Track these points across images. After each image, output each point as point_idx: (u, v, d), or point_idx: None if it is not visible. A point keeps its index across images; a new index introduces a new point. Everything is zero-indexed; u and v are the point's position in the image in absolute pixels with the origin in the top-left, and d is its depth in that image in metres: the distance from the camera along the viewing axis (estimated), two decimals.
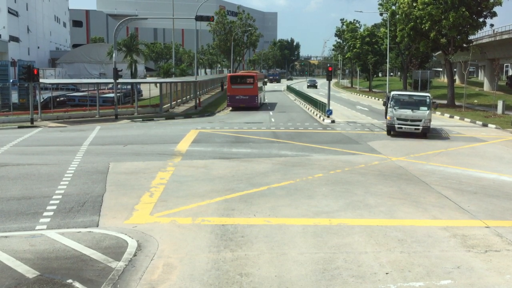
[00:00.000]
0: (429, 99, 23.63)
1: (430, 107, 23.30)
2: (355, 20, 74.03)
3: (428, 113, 23.14)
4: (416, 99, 23.84)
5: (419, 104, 23.45)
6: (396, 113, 23.24)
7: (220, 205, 11.55)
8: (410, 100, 23.78)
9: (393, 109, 23.32)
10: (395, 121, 23.22)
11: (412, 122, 23.00)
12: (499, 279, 7.70)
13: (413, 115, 23.09)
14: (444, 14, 38.18)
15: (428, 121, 23.03)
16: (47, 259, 8.23)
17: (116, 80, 32.43)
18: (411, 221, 10.54)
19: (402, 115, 23.16)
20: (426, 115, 23.05)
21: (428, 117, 23.11)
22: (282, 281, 7.50)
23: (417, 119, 22.93)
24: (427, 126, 23.05)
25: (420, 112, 23.15)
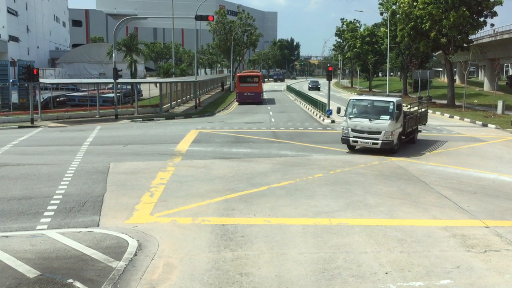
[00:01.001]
0: (393, 106, 18.14)
1: (394, 116, 17.96)
2: (355, 20, 74.09)
3: (389, 123, 17.85)
4: (378, 105, 18.62)
5: (381, 112, 18.30)
6: (351, 122, 18.47)
7: (220, 205, 11.57)
8: (370, 106, 18.77)
9: (348, 118, 18.69)
10: (350, 133, 18.54)
11: (369, 134, 18.14)
12: (499, 279, 7.72)
13: (370, 126, 18.10)
14: (445, 13, 38.19)
15: (389, 134, 17.86)
16: (48, 259, 8.25)
17: (116, 80, 32.43)
18: (411, 221, 10.56)
19: (358, 126, 18.29)
20: (386, 126, 17.82)
21: (390, 128, 17.86)
22: (282, 281, 7.52)
23: (375, 131, 17.99)
24: (388, 141, 17.86)
25: (379, 122, 17.99)
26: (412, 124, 20.46)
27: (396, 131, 18.23)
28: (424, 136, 23.78)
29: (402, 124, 18.87)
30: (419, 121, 21.80)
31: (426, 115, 23.34)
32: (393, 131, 18.01)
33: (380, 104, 18.70)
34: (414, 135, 21.33)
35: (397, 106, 18.30)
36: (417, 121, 21.26)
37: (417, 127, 21.71)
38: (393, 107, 18.24)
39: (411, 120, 20.14)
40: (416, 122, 21.21)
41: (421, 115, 22.17)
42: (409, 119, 19.76)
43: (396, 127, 18.26)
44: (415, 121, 20.88)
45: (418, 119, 21.53)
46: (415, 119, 20.91)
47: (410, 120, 20.05)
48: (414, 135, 21.23)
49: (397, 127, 18.33)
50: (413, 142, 21.09)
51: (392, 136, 18.00)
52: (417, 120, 21.37)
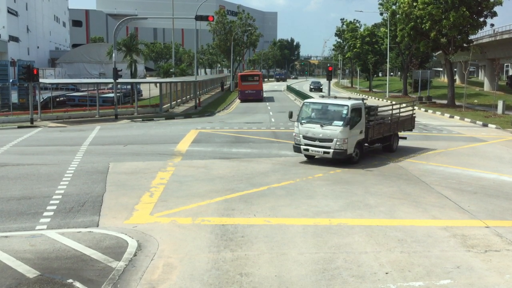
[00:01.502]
0: (347, 110, 15.88)
1: (348, 122, 15.74)
2: (355, 20, 74.06)
3: (342, 130, 15.65)
4: (331, 109, 16.57)
5: (334, 117, 16.18)
6: (302, 128, 16.44)
7: (220, 205, 11.56)
8: (323, 111, 16.78)
9: (299, 123, 16.63)
10: (301, 140, 16.53)
11: (321, 142, 16.03)
12: (499, 279, 7.70)
13: (321, 133, 15.98)
14: (445, 13, 38.19)
15: (342, 142, 15.67)
16: (48, 259, 8.24)
17: (116, 80, 32.42)
18: (411, 221, 10.55)
19: (309, 132, 16.24)
20: (338, 133, 15.66)
21: (343, 135, 15.65)
22: (282, 281, 7.50)
23: (327, 139, 15.86)
24: (341, 150, 15.70)
25: (331, 128, 15.86)
26: (384, 131, 18.10)
27: (351, 138, 15.97)
28: (421, 138, 23.77)
29: (363, 130, 16.67)
30: (399, 126, 19.41)
31: (411, 119, 20.55)
32: (346, 138, 15.72)
33: (334, 108, 16.54)
34: (391, 142, 18.91)
35: (352, 111, 15.97)
36: (393, 126, 18.85)
37: (396, 133, 19.32)
38: (347, 112, 15.88)
39: (382, 126, 17.92)
40: (392, 128, 18.79)
41: (402, 120, 19.69)
42: (376, 124, 17.49)
43: (352, 134, 15.98)
44: (389, 127, 18.47)
45: (397, 125, 19.13)
46: (389, 125, 18.54)
47: (380, 126, 17.81)
48: (390, 142, 18.86)
49: (353, 134, 16.03)
50: (391, 151, 18.87)
51: (346, 145, 15.73)
52: (394, 126, 18.93)
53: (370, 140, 17.27)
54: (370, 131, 17.06)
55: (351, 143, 16.05)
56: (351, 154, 16.20)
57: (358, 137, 16.48)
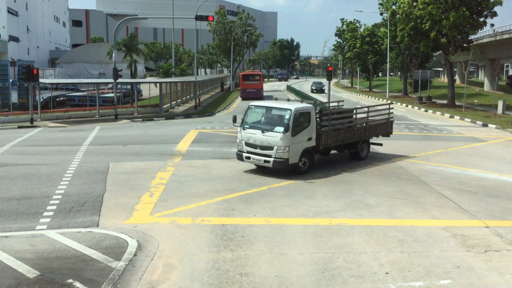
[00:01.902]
0: (290, 115, 14.25)
1: (290, 128, 14.13)
2: (355, 20, 74.00)
3: (282, 137, 14.06)
4: (274, 114, 15.06)
5: (276, 122, 14.63)
6: (244, 134, 15.01)
7: (220, 205, 11.56)
8: (266, 115, 15.27)
9: (242, 128, 15.17)
10: (243, 147, 15.08)
11: (262, 150, 14.52)
12: (499, 279, 7.71)
13: (262, 140, 14.47)
14: (445, 13, 38.19)
15: (283, 151, 14.07)
16: (48, 259, 8.24)
17: (116, 80, 32.41)
18: (411, 221, 10.55)
19: (251, 139, 14.78)
20: (278, 140, 14.08)
21: (284, 143, 14.05)
22: (282, 281, 7.50)
23: (267, 146, 14.34)
24: (282, 159, 14.11)
25: (272, 135, 14.29)
26: (346, 137, 16.47)
27: (295, 146, 14.30)
28: (421, 138, 23.75)
29: (313, 137, 15.03)
30: (369, 132, 17.62)
31: (387, 124, 18.50)
32: (287, 146, 14.07)
33: (276, 113, 14.97)
34: (358, 149, 17.15)
35: (296, 116, 14.39)
36: (359, 132, 17.07)
37: (366, 140, 17.58)
38: (289, 117, 14.22)
39: (341, 132, 16.30)
40: (358, 134, 17.03)
41: (374, 125, 17.96)
42: (333, 130, 15.90)
43: (295, 142, 14.31)
44: (352, 133, 16.75)
45: (365, 130, 17.34)
46: (352, 130, 16.79)
47: (338, 132, 16.20)
48: (357, 149, 17.14)
49: (297, 141, 14.38)
50: (358, 158, 17.23)
51: (287, 153, 14.09)
52: (361, 132, 17.20)
53: (323, 147, 15.60)
54: (324, 138, 15.41)
55: (295, 152, 14.35)
56: (296, 164, 14.50)
57: (306, 144, 14.75)
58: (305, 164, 14.96)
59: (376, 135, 18.29)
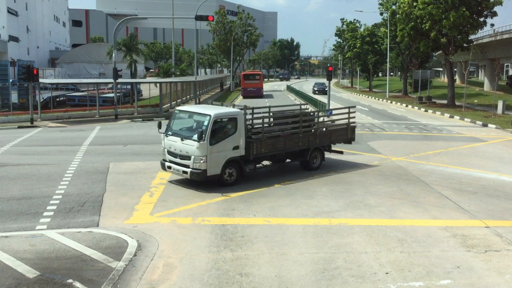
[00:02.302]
0: (208, 121, 12.82)
1: (207, 136, 12.66)
2: (355, 20, 73.96)
3: (199, 146, 12.65)
4: (195, 120, 13.67)
5: (196, 129, 13.24)
6: (167, 142, 13.78)
7: (220, 205, 11.57)
8: (188, 121, 14.03)
9: (165, 135, 13.91)
10: (166, 155, 13.82)
11: (181, 159, 13.17)
12: (499, 279, 7.71)
13: (181, 148, 13.18)
14: (445, 13, 38.19)
15: (200, 161, 12.66)
16: (48, 259, 8.24)
17: (116, 80, 32.40)
18: (411, 221, 10.55)
19: (172, 147, 13.52)
20: (195, 149, 12.73)
21: (201, 152, 12.65)
22: (282, 281, 7.51)
23: (186, 156, 13.01)
24: (199, 170, 12.72)
25: (189, 143, 12.94)
26: (289, 145, 14.77)
27: (215, 156, 12.87)
28: (421, 138, 23.71)
29: (241, 145, 13.50)
30: (322, 139, 15.92)
31: (347, 130, 16.74)
32: (205, 156, 12.66)
33: (197, 119, 13.56)
34: (307, 158, 15.38)
35: (217, 122, 12.99)
36: (307, 139, 15.32)
37: (319, 147, 15.77)
38: (207, 123, 12.79)
39: (280, 140, 14.59)
40: (307, 142, 15.27)
41: (328, 132, 16.38)
42: (268, 138, 14.31)
43: (216, 151, 12.87)
44: (296, 140, 15.01)
45: (314, 137, 15.58)
46: (297, 138, 15.03)
47: (276, 139, 14.52)
48: (306, 158, 15.38)
49: (218, 150, 12.91)
50: (309, 168, 15.47)
51: (205, 164, 12.67)
52: (310, 139, 15.42)
53: (256, 157, 13.94)
54: (255, 146, 13.79)
55: (216, 162, 12.89)
56: (218, 176, 13.02)
57: (231, 154, 13.25)
58: (231, 175, 13.34)
59: (331, 142, 16.43)
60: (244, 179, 13.70)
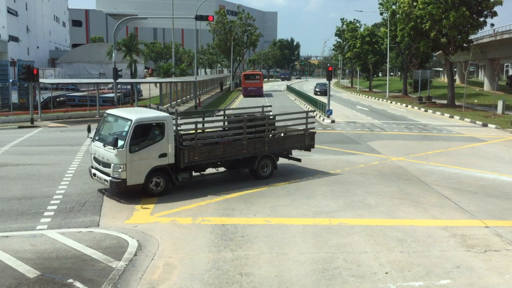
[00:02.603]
0: (129, 127, 11.82)
1: (128, 143, 11.64)
2: (355, 20, 73.96)
3: (117, 153, 11.61)
4: (118, 124, 12.61)
5: (118, 134, 12.11)
6: (93, 147, 12.82)
7: (220, 205, 11.58)
8: (112, 125, 12.90)
9: (92, 140, 12.90)
10: (92, 161, 12.88)
11: (103, 167, 12.17)
12: (499, 278, 7.72)
13: (103, 155, 12.15)
14: (445, 13, 38.20)
15: (119, 170, 11.62)
16: (48, 259, 8.25)
17: (116, 80, 32.40)
18: (411, 221, 10.57)
19: (97, 153, 12.54)
20: (113, 157, 11.69)
21: (120, 160, 11.60)
22: (282, 281, 7.52)
23: (107, 163, 11.99)
24: (118, 180, 11.65)
25: (109, 150, 11.87)
26: (226, 153, 13.47)
27: (137, 164, 11.81)
28: (421, 138, 23.67)
29: (170, 153, 12.40)
30: (274, 146, 14.57)
31: (304, 136, 15.47)
32: (123, 164, 11.61)
33: (120, 123, 12.46)
34: (255, 167, 14.12)
35: (138, 128, 11.89)
36: (254, 146, 13.97)
37: (269, 155, 14.44)
38: (128, 129, 11.78)
39: (218, 147, 13.36)
40: (250, 149, 13.89)
41: (280, 138, 15.13)
42: (204, 145, 13.18)
43: (137, 159, 11.81)
44: (239, 147, 13.72)
45: (263, 144, 14.20)
46: (240, 145, 13.74)
47: (214, 146, 13.32)
48: (253, 167, 14.13)
49: (140, 158, 11.85)
50: (258, 177, 14.22)
51: (124, 172, 11.62)
52: (257, 146, 14.06)
53: (187, 165, 12.78)
54: (186, 154, 12.66)
55: (138, 171, 11.85)
56: (141, 185, 12.00)
57: (157, 162, 12.17)
58: (158, 185, 12.25)
59: (284, 150, 15.05)
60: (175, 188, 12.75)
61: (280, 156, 15.25)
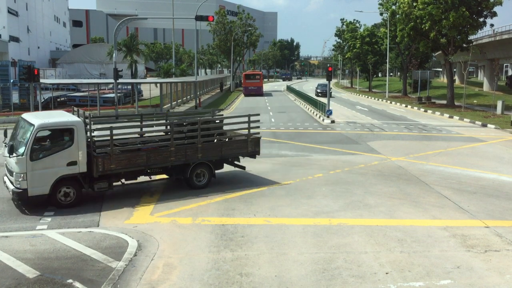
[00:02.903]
0: (31, 133, 10.95)
1: (28, 150, 10.76)
2: (355, 20, 73.98)
3: (18, 161, 10.83)
4: (23, 129, 11.66)
5: (21, 141, 11.31)
6: (4, 153, 11.95)
7: (220, 205, 11.58)
8: (21, 130, 11.81)
9: (4, 145, 11.71)
10: (5, 168, 12.00)
11: (10, 175, 11.37)
12: (499, 279, 7.72)
13: (9, 162, 11.46)
14: (444, 14, 38.20)
15: (20, 179, 10.79)
16: (48, 259, 8.25)
17: (116, 80, 32.40)
18: (411, 221, 10.56)
19: (6, 160, 11.78)
20: (14, 165, 10.95)
21: (20, 169, 10.79)
22: (282, 281, 7.52)
23: (11, 171, 11.27)
24: (20, 190, 10.81)
25: (13, 157, 11.03)
26: (150, 161, 12.25)
27: (39, 172, 10.86)
28: (421, 138, 23.69)
29: (80, 161, 11.39)
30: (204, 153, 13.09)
31: (246, 142, 14.00)
32: (24, 174, 10.73)
33: (26, 128, 11.43)
34: (188, 175, 12.96)
35: (41, 133, 11.05)
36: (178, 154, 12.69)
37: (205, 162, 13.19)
38: (30, 135, 10.88)
39: (140, 154, 12.19)
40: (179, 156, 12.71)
41: (217, 145, 13.74)
42: (122, 152, 12.10)
43: (40, 167, 10.87)
44: (166, 154, 12.53)
45: (196, 151, 12.96)
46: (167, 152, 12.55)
47: (134, 154, 12.16)
48: (186, 176, 12.98)
49: (42, 166, 10.90)
50: (193, 187, 13.04)
51: (25, 182, 10.74)
52: (185, 153, 12.80)
53: (103, 174, 11.67)
54: (101, 162, 11.56)
55: (41, 180, 10.91)
56: (47, 196, 11.04)
57: (65, 171, 11.19)
58: (67, 195, 11.32)
59: (221, 157, 13.57)
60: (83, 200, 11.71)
61: (226, 163, 14.04)
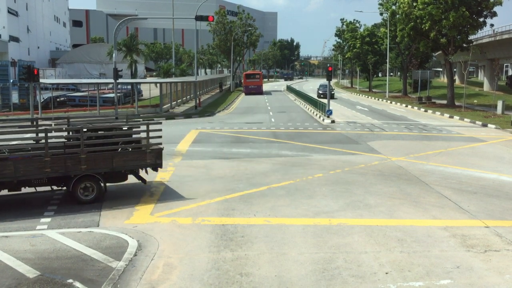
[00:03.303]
0: None
1: None
2: (355, 20, 73.94)
3: None
4: None
5: None
6: None
7: (220, 205, 11.58)
8: None
9: None
10: None
11: None
12: (499, 279, 7.72)
13: None
14: (444, 14, 38.21)
15: None
16: (48, 259, 8.25)
17: (116, 80, 32.40)
18: (411, 221, 10.56)
19: None
20: None
21: None
22: (282, 281, 7.52)
23: None
24: None
25: None
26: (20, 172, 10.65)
27: None
28: (421, 138, 23.69)
29: None
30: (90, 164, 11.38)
31: (143, 152, 12.21)
32: None
33: None
34: (69, 189, 11.44)
35: None
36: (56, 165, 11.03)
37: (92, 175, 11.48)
38: None
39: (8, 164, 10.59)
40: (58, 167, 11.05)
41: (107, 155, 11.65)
42: None
43: None
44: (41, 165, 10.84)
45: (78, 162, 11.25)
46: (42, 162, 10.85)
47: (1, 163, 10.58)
48: (69, 189, 11.46)
49: None
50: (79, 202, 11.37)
51: None
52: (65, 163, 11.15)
53: None
54: None
55: None
56: None
57: None
58: None
59: (112, 169, 11.75)
60: None
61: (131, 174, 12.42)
